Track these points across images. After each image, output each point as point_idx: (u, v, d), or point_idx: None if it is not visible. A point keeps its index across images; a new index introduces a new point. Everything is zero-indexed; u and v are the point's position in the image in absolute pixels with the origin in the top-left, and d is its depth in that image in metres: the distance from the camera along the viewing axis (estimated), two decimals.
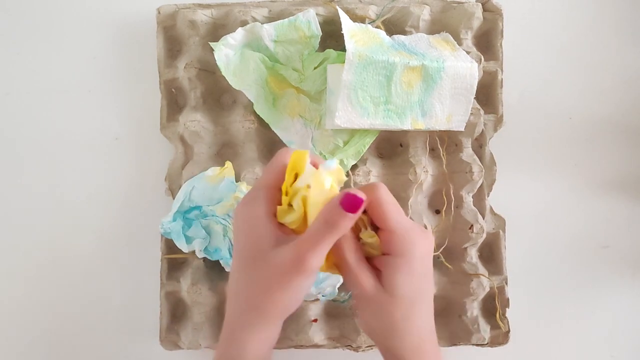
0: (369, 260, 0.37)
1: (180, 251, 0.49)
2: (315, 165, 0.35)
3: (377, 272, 0.36)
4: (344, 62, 0.45)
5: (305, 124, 0.50)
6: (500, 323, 0.51)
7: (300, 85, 0.49)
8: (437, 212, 0.52)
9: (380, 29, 0.50)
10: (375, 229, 0.36)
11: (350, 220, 0.34)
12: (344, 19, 0.47)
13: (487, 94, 0.53)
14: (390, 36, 0.49)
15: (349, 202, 0.33)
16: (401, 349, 0.37)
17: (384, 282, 0.36)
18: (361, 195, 0.33)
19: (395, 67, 0.46)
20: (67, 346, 0.53)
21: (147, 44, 0.53)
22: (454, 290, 0.51)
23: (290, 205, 0.35)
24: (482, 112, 0.51)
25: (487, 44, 0.53)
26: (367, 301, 0.36)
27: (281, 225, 0.36)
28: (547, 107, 0.54)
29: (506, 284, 0.52)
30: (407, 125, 0.49)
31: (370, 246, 0.36)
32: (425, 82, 0.48)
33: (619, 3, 0.55)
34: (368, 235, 0.36)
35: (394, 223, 0.35)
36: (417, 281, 0.36)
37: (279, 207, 0.35)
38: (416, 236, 0.36)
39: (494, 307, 0.52)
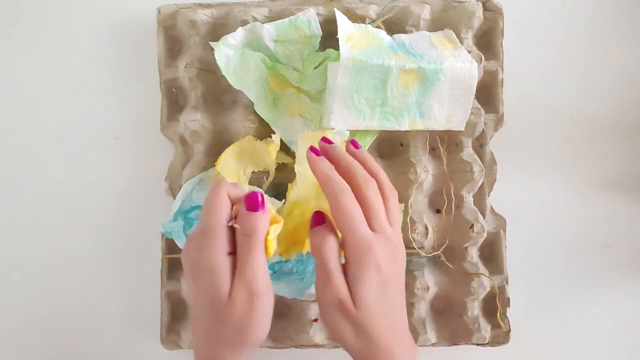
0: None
1: (180, 251, 0.49)
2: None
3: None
4: None
5: (305, 124, 0.50)
6: (501, 322, 0.51)
7: (300, 85, 0.49)
8: (438, 211, 0.52)
9: (381, 28, 0.50)
10: None
11: (260, 218, 0.34)
12: (341, 21, 0.47)
13: (487, 94, 0.53)
14: (390, 35, 0.49)
15: (251, 202, 0.34)
16: (368, 355, 0.36)
17: (351, 293, 0.36)
18: (258, 190, 0.34)
19: (391, 71, 0.46)
20: (67, 346, 0.53)
21: (147, 44, 0.53)
22: (455, 290, 0.51)
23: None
24: (482, 111, 0.51)
25: (487, 43, 0.53)
26: (334, 307, 0.36)
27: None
28: (548, 107, 0.54)
29: (507, 283, 0.52)
30: (404, 126, 0.48)
31: None
32: (422, 84, 0.47)
33: (619, 3, 0.55)
34: None
35: (346, 232, 0.36)
36: (378, 291, 0.36)
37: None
38: (368, 246, 0.35)
39: (494, 306, 0.52)
